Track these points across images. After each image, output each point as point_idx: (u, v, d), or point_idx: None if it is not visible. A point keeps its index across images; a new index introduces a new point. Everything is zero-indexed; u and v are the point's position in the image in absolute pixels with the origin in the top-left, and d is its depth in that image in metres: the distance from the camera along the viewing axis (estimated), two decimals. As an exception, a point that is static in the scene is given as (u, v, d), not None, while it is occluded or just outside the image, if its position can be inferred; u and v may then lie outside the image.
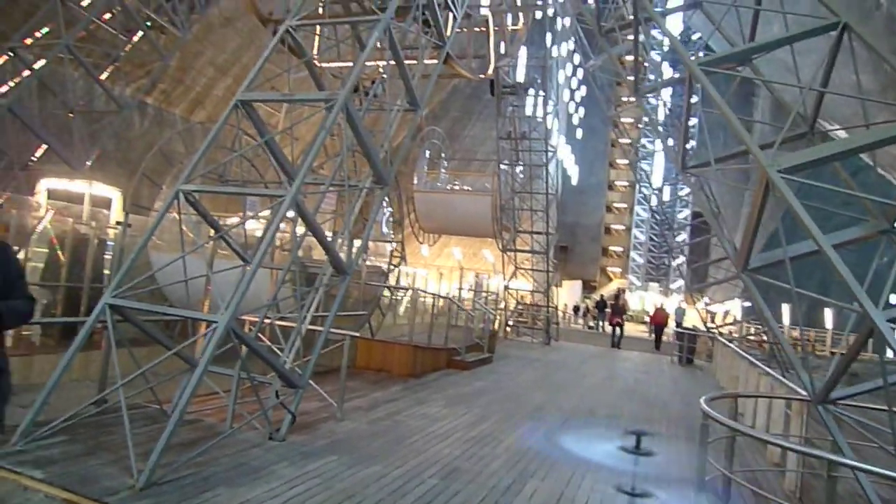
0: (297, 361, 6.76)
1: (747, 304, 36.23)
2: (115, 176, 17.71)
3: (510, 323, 21.05)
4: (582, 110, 56.15)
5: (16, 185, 12.64)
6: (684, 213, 54.68)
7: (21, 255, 12.52)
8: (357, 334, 8.97)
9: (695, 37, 44.42)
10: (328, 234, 8.42)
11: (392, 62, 8.02)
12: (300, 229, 7.20)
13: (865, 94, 6.25)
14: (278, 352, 6.69)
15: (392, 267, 23.67)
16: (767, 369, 9.04)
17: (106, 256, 12.96)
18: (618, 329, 24.11)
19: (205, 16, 13.27)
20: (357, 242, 8.02)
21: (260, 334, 6.99)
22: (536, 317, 22.29)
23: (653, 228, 61.07)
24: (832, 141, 5.45)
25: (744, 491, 5.64)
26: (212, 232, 7.40)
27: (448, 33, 9.66)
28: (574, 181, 60.00)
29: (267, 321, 7.10)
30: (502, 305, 21.63)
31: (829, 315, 31.69)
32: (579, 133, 57.16)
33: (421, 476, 5.45)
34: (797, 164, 4.90)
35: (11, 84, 11.83)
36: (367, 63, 9.01)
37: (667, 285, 57.23)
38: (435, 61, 9.91)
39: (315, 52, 11.01)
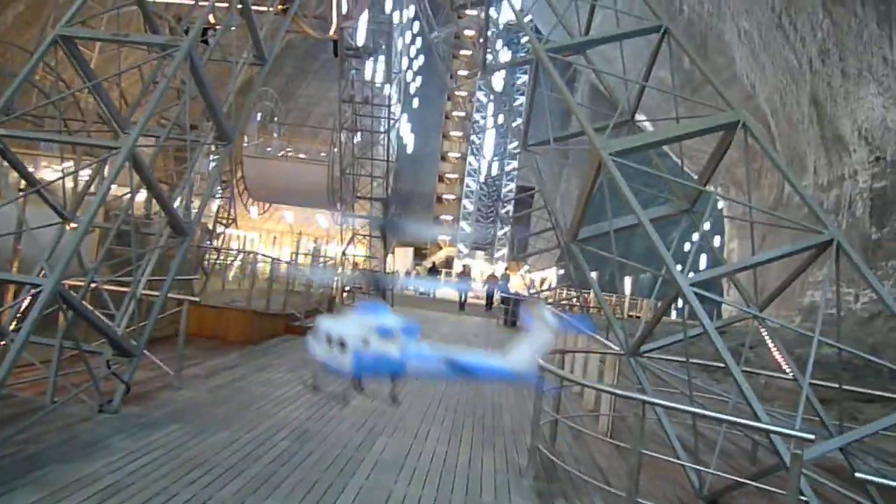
0: (128, 328, 6.26)
1: (562, 272, 39.97)
2: None
3: (347, 288, 21.07)
4: (419, 79, 56.79)
5: None
6: (510, 187, 58.25)
7: None
8: (196, 299, 8.49)
9: (526, 19, 46.90)
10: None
11: (237, 7, 7.54)
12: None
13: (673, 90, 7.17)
14: (107, 320, 6.13)
15: (221, 226, 22.36)
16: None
17: None
18: (463, 294, 26.92)
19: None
20: (196, 201, 7.55)
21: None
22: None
23: (481, 200, 64.16)
24: (653, 130, 6.23)
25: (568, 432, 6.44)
26: (22, 183, 6.49)
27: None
28: (409, 150, 60.83)
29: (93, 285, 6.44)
30: (339, 271, 21.54)
31: (627, 283, 36.11)
32: (416, 102, 57.84)
33: (272, 439, 5.44)
34: (626, 148, 5.57)
35: None
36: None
37: (492, 253, 60.84)
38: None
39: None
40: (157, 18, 10.22)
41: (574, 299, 28.98)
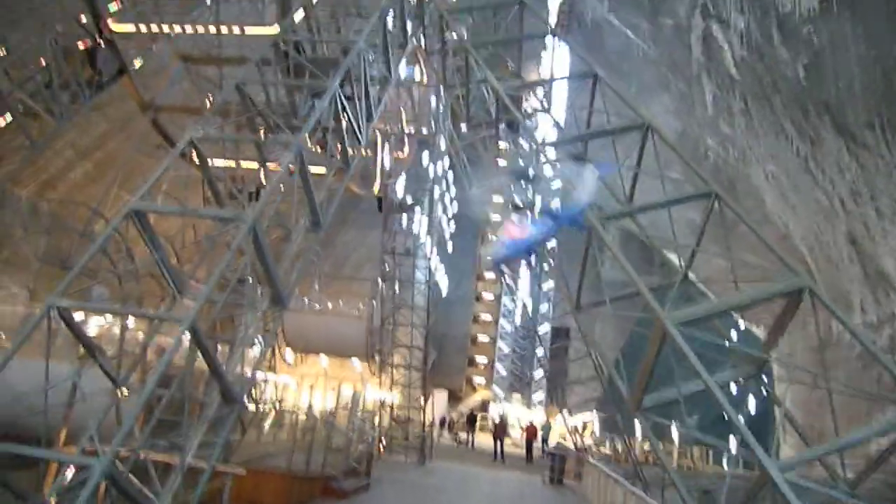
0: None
1: (603, 415, 38.14)
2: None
3: (384, 442, 20.32)
4: (453, 224, 58.74)
5: None
6: (545, 328, 57.59)
7: None
8: (242, 471, 8.15)
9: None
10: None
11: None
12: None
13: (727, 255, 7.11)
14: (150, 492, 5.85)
15: (261, 375, 22.23)
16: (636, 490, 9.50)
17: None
18: (499, 443, 25.34)
19: (87, 105, 12.51)
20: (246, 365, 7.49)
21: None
22: (409, 433, 21.74)
23: (515, 341, 63.28)
24: (718, 299, 6.10)
25: None
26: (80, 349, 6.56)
27: (353, 155, 9.86)
28: (444, 293, 61.47)
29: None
30: (376, 421, 20.92)
31: (673, 429, 34.03)
32: (450, 246, 59.37)
33: None
34: (690, 318, 5.41)
35: None
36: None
37: (529, 396, 58.79)
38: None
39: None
40: (217, 181, 10.90)
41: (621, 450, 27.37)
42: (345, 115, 9.35)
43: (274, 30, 11.23)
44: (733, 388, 6.93)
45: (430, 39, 12.59)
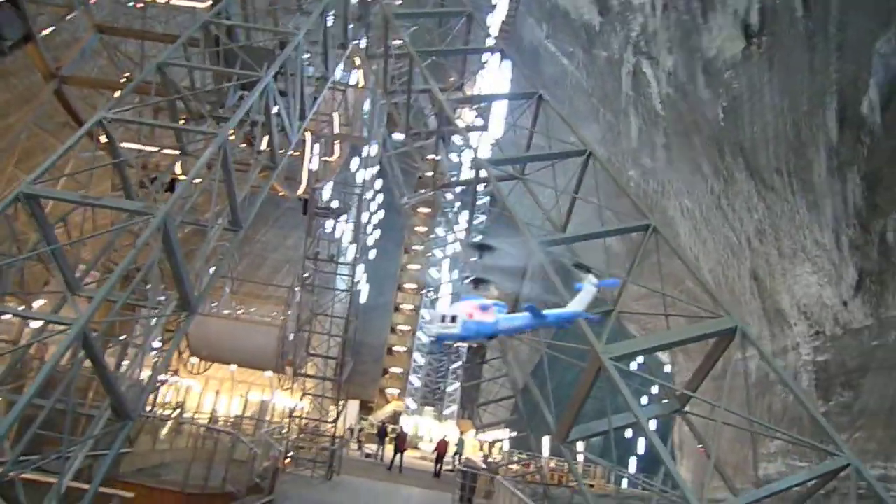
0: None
1: (514, 434, 38.51)
2: None
3: (290, 454, 19.43)
4: (378, 232, 58.13)
5: None
6: (461, 343, 57.74)
7: None
8: (130, 494, 7.32)
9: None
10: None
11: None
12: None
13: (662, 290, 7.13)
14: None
15: (161, 377, 20.76)
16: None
17: None
18: (399, 455, 25.55)
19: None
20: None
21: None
22: (318, 446, 20.93)
23: (432, 353, 63.14)
24: (652, 334, 6.04)
25: None
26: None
27: (281, 153, 9.30)
28: (362, 300, 60.58)
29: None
30: (284, 431, 20.01)
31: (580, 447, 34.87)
32: (372, 253, 58.71)
33: None
34: (626, 353, 5.31)
35: None
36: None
37: (441, 410, 58.69)
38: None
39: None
40: (127, 167, 10.01)
41: (529, 466, 27.65)
42: (276, 110, 8.81)
43: (204, 5, 10.52)
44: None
45: (373, 43, 12.22)
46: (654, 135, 22.67)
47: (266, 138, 9.11)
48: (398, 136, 26.05)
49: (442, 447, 27.32)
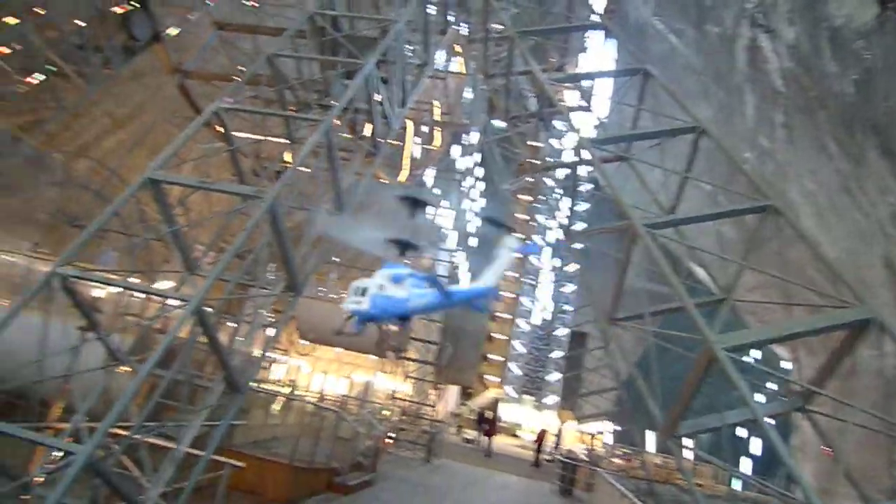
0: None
1: (618, 428, 37.43)
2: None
3: (392, 435, 20.00)
4: (478, 221, 58.10)
5: None
6: (563, 332, 56.83)
7: None
8: (241, 464, 7.80)
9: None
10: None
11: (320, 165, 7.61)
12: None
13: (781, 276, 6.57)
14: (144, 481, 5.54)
15: (274, 356, 22.01)
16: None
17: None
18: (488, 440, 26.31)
19: (118, 71, 12.28)
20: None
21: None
22: (418, 429, 21.41)
23: (532, 342, 62.58)
24: (770, 325, 5.58)
25: None
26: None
27: (382, 140, 9.45)
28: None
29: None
30: (387, 413, 20.62)
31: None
32: (473, 241, 58.81)
33: None
34: (742, 343, 4.91)
35: None
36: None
37: (540, 399, 58.19)
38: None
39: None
40: (241, 157, 10.57)
41: (634, 461, 26.78)
42: (378, 97, 8.94)
43: None
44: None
45: (473, 27, 12.10)
46: (773, 113, 21.04)
47: (369, 126, 9.30)
48: (499, 124, 25.87)
49: (541, 436, 27.22)
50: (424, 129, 20.12)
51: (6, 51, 11.28)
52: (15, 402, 7.35)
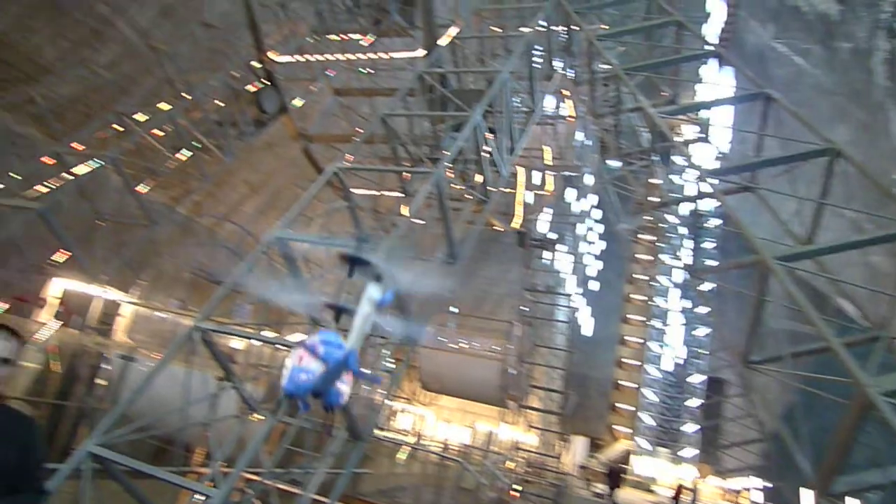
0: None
1: (765, 483, 33.91)
2: (131, 280, 17.46)
3: (517, 487, 19.47)
4: (600, 264, 56.55)
5: (29, 287, 12.31)
6: (699, 378, 53.05)
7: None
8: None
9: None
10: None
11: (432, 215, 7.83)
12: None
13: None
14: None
15: (399, 405, 22.45)
16: None
17: (104, 369, 12.24)
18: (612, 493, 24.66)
19: (251, 143, 13.56)
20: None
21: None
22: (545, 481, 20.68)
23: (664, 390, 58.87)
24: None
25: None
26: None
27: (493, 190, 9.57)
28: (586, 332, 59.12)
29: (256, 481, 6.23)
30: (510, 464, 20.16)
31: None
32: (594, 285, 57.24)
33: None
34: (901, 388, 4.32)
35: (51, 186, 11.82)
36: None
37: (676, 452, 54.22)
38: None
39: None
40: (360, 212, 11.11)
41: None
42: (486, 147, 9.13)
43: (419, 53, 11.45)
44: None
45: (579, 69, 12.12)
46: (925, 128, 18.92)
47: (480, 175, 9.48)
48: (614, 164, 25.39)
49: (679, 492, 25.32)
50: (537, 174, 20.20)
51: (160, 133, 12.85)
52: (164, 447, 8.07)
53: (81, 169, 11.87)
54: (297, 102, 13.71)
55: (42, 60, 18.76)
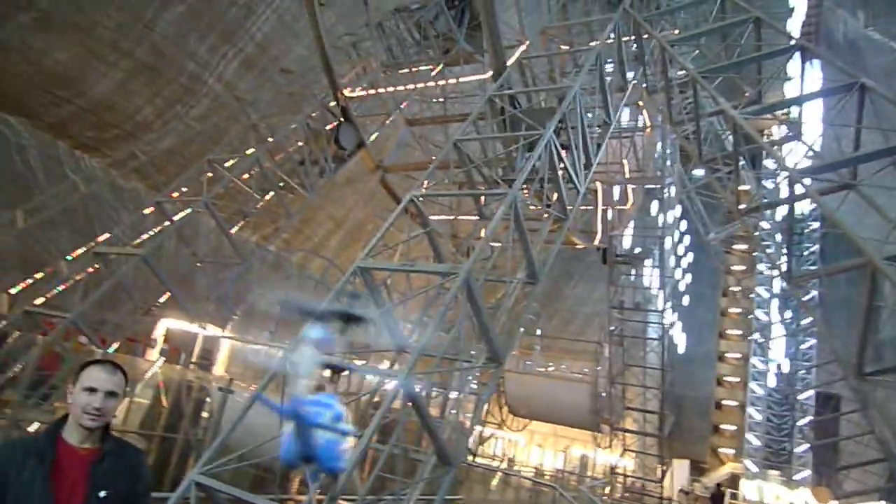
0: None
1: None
2: (227, 316, 18.46)
3: (615, 513, 18.73)
4: (689, 276, 54.23)
5: (138, 328, 13.24)
6: (807, 394, 49.27)
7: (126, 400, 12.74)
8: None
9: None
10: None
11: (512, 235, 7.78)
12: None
13: None
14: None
15: (489, 431, 22.23)
16: None
17: (206, 402, 12.91)
18: None
19: (332, 179, 14.10)
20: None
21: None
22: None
23: (770, 408, 55.00)
24: None
25: None
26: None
27: (571, 207, 9.42)
28: (680, 350, 56.48)
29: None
30: (608, 490, 19.42)
31: None
32: (686, 300, 54.81)
33: None
34: None
35: (152, 233, 12.74)
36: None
37: (788, 474, 50.30)
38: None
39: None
40: (439, 238, 11.22)
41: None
42: (561, 163, 9.02)
43: (487, 75, 11.58)
44: None
45: (653, 78, 11.81)
46: None
47: (556, 193, 9.37)
48: (698, 172, 24.39)
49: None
50: (617, 189, 19.73)
51: (247, 176, 13.60)
52: (264, 476, 8.37)
53: (179, 215, 12.72)
54: (373, 137, 14.16)
55: (141, 119, 20.45)
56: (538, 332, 26.91)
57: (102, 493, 3.03)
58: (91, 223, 16.57)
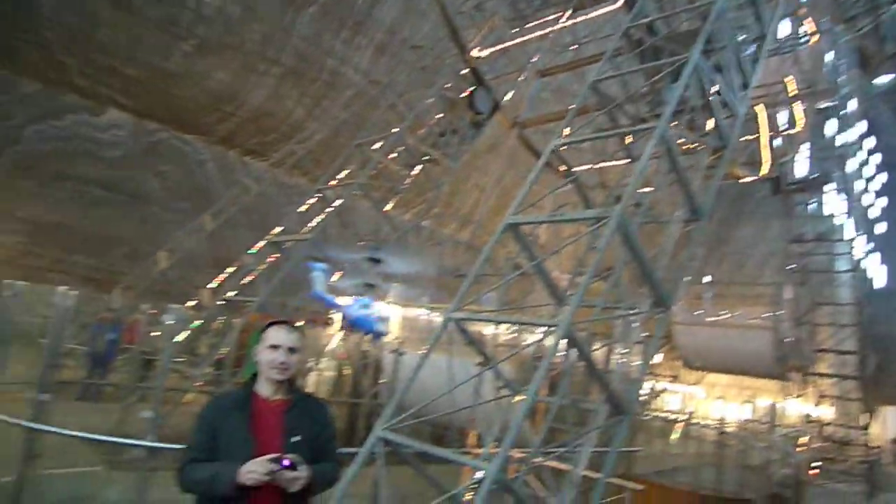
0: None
1: None
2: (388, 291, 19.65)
3: (817, 464, 17.12)
4: (883, 200, 47.43)
5: (317, 308, 14.54)
6: None
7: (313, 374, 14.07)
8: (640, 487, 7.72)
9: None
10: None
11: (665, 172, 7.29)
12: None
13: None
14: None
15: (663, 385, 21.40)
16: None
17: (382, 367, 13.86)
18: None
19: (473, 145, 14.23)
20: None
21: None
22: (851, 458, 17.86)
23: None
24: None
25: None
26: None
27: (730, 134, 8.61)
28: (878, 284, 49.87)
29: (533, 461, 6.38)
30: (803, 440, 17.85)
31: None
32: (882, 227, 48.08)
33: None
34: None
35: (318, 220, 13.79)
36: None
37: None
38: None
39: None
40: (587, 189, 10.86)
41: None
42: (714, 88, 8.25)
43: (619, 4, 10.88)
44: None
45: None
46: None
47: (710, 120, 8.62)
48: (882, 79, 21.03)
49: None
50: (784, 113, 17.71)
51: (394, 155, 14.15)
52: (442, 432, 8.78)
53: (338, 202, 13.61)
54: (508, 96, 14.00)
55: (294, 119, 22.11)
56: (707, 278, 25.21)
57: (295, 438, 3.40)
58: (265, 219, 18.33)
